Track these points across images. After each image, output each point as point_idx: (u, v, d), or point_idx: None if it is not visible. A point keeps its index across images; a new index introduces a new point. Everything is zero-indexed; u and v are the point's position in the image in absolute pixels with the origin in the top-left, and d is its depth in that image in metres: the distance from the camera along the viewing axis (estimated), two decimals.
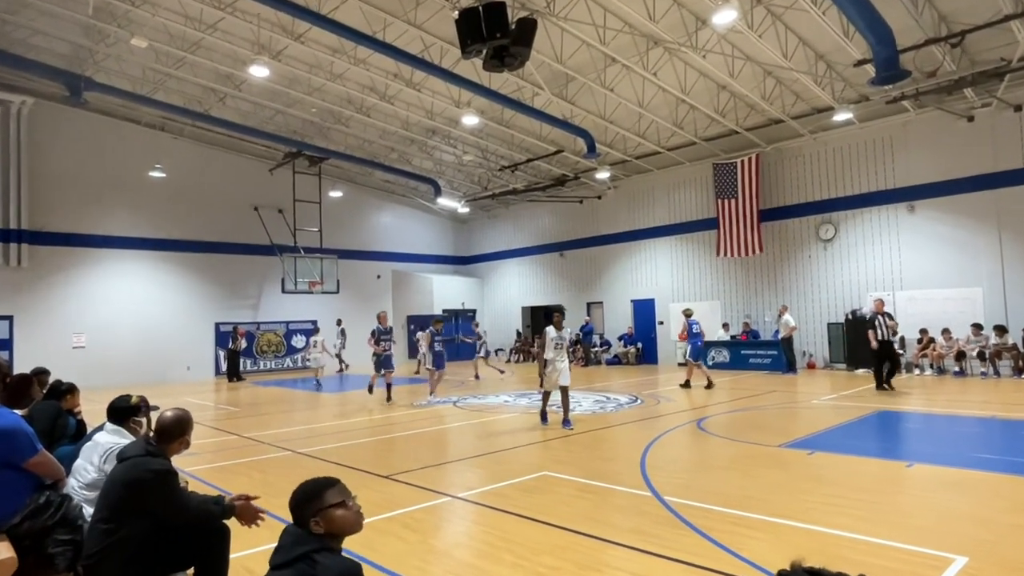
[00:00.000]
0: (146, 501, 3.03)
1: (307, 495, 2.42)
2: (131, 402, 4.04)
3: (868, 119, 17.18)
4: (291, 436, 9.69)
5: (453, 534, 5.15)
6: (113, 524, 3.00)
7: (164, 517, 3.06)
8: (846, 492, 5.78)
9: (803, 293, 18.93)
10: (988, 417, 9.78)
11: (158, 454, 3.22)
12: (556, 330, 9.79)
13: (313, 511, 2.38)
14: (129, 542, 3.00)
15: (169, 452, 3.32)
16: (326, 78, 16.50)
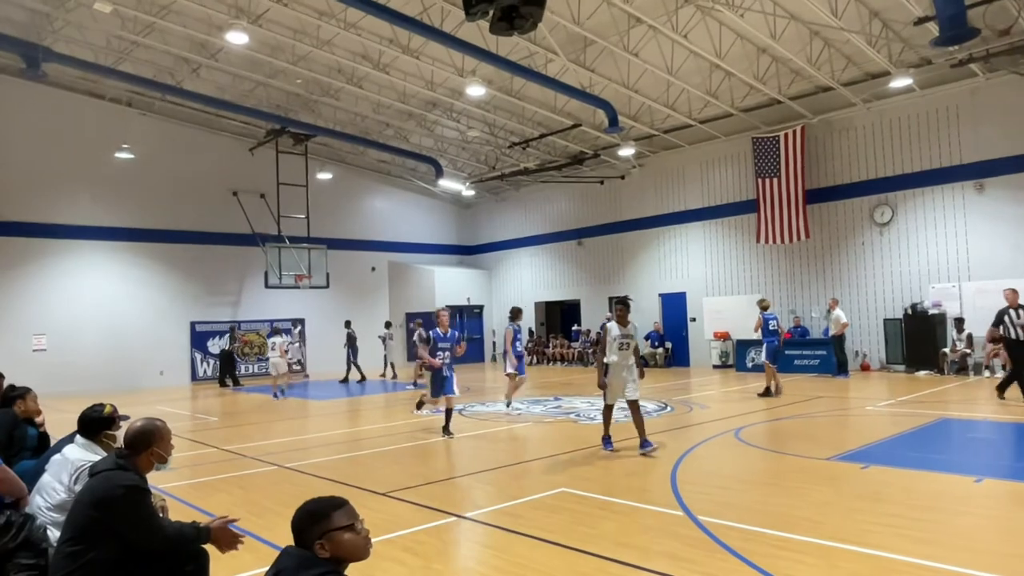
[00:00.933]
0: (114, 521, 3.06)
1: (313, 515, 2.47)
2: (104, 413, 4.05)
3: (930, 85, 16.99)
4: (276, 448, 9.77)
5: (460, 558, 5.18)
6: (80, 546, 3.03)
7: (132, 540, 3.08)
8: (905, 511, 5.75)
9: (856, 285, 18.80)
10: None
11: (129, 468, 3.24)
12: (620, 326, 8.73)
13: (319, 533, 2.43)
14: (97, 566, 3.03)
15: (141, 466, 3.34)
16: (312, 45, 16.53)
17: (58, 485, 3.73)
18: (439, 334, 10.55)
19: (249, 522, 5.63)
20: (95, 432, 3.99)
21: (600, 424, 9.06)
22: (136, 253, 21.89)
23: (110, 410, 4.07)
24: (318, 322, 25.36)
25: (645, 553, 4.86)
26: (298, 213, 23.57)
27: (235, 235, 23.48)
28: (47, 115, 20.35)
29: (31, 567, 3.39)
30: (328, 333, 25.42)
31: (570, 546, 5.03)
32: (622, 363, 8.63)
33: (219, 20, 15.35)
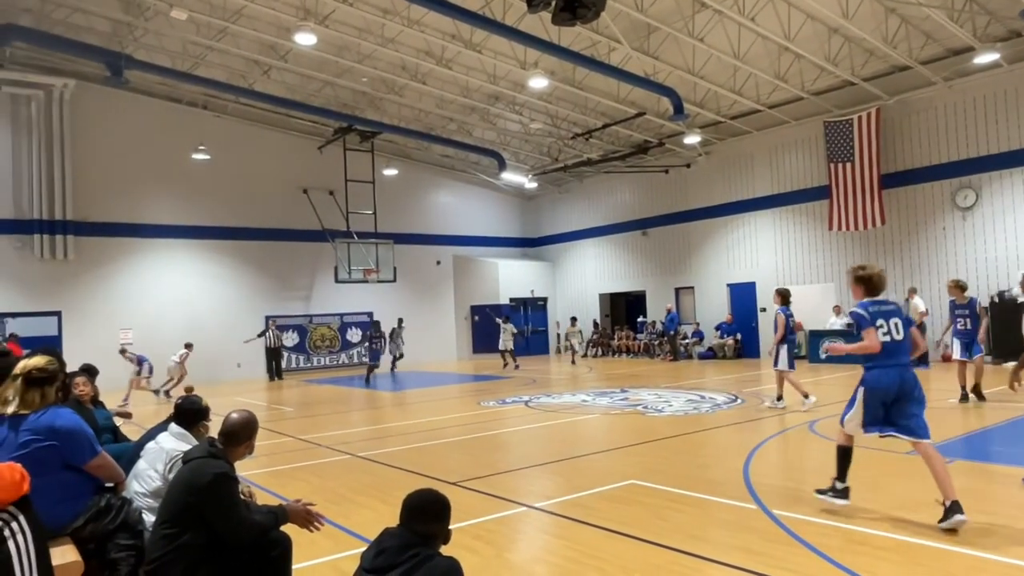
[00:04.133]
0: (203, 506, 3.22)
1: (444, 509, 2.77)
2: (202, 404, 4.30)
3: (1019, 59, 16.05)
4: (349, 438, 10.04)
5: (531, 548, 5.22)
6: (175, 529, 3.21)
7: (217, 527, 3.24)
8: (995, 508, 5.50)
9: (936, 272, 17.97)
10: None
11: (221, 456, 3.41)
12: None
13: (446, 526, 2.76)
14: (190, 549, 3.20)
15: (234, 456, 3.52)
16: (377, 43, 16.82)
17: (153, 473, 3.94)
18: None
19: (326, 509, 5.78)
20: (192, 422, 4.21)
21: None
22: (212, 250, 22.79)
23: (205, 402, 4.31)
24: (387, 316, 25.83)
25: (719, 546, 4.80)
26: (365, 209, 24.09)
27: (306, 231, 24.15)
28: (129, 120, 21.36)
29: (129, 547, 3.60)
30: None
31: (642, 538, 5.00)
32: None
33: (288, 22, 15.79)
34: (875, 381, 5.39)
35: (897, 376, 5.33)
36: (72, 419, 3.58)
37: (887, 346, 5.35)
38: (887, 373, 5.34)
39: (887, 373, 5.34)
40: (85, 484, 3.62)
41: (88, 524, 3.55)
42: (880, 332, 5.34)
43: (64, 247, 20.09)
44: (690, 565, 4.48)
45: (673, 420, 10.45)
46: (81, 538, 3.51)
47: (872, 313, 5.39)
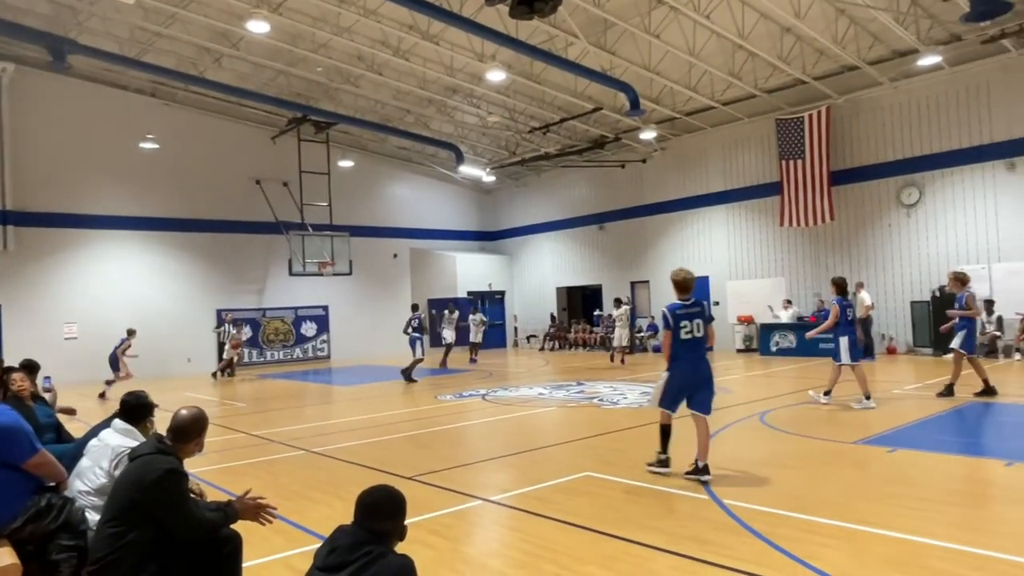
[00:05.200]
0: (151, 503, 3.14)
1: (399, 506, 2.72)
2: (147, 400, 4.19)
3: (960, 63, 16.61)
4: (304, 434, 9.91)
5: (487, 541, 5.24)
6: (121, 528, 3.12)
7: (166, 524, 3.16)
8: (934, 495, 5.71)
9: (882, 267, 18.54)
10: None
11: (170, 453, 3.33)
12: None
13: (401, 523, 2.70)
14: (136, 547, 3.12)
15: (183, 453, 3.44)
16: (332, 32, 16.56)
17: (98, 470, 3.82)
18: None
19: (279, 506, 5.70)
20: (138, 418, 4.10)
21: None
22: (162, 242, 22.18)
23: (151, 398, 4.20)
24: (342, 309, 25.59)
25: (671, 537, 4.87)
26: (320, 201, 23.75)
27: (259, 223, 23.70)
28: (73, 106, 20.61)
29: (71, 548, 3.49)
30: (351, 319, 25.67)
31: (596, 529, 5.06)
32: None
33: (240, 9, 15.41)
34: (678, 370, 6.63)
35: (694, 367, 6.65)
36: (10, 416, 3.46)
37: (688, 342, 6.60)
38: (687, 364, 6.63)
39: (687, 364, 6.63)
40: (24, 483, 3.50)
41: (27, 525, 3.43)
42: (683, 331, 6.57)
43: (3, 238, 19.30)
44: (642, 555, 4.55)
45: (628, 412, 10.57)
46: (20, 539, 3.39)
47: (676, 316, 6.61)
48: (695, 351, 6.67)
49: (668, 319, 6.64)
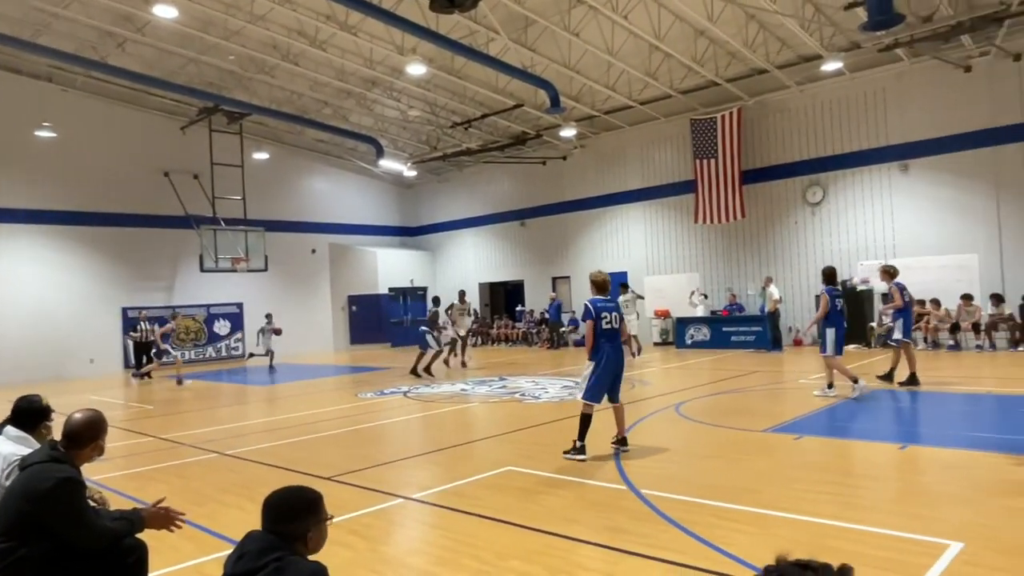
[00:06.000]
0: (46, 515, 2.95)
1: (308, 505, 2.53)
2: (42, 403, 3.89)
3: (859, 69, 17.56)
4: (216, 436, 9.55)
5: (407, 539, 5.19)
6: (11, 543, 2.91)
7: (65, 536, 2.98)
8: (836, 478, 6.02)
9: (789, 263, 19.42)
10: (984, 393, 10.27)
11: (64, 460, 3.13)
12: None
13: (314, 523, 2.50)
14: (29, 564, 2.92)
15: (79, 459, 3.23)
16: (245, 20, 15.98)
17: None
18: None
19: (190, 511, 5.47)
20: (31, 423, 3.83)
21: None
22: (61, 237, 20.90)
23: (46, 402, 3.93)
24: (257, 306, 24.77)
25: (590, 528, 4.96)
26: (234, 194, 22.86)
27: (167, 217, 22.64)
28: None
29: None
30: None
31: (517, 523, 5.09)
32: None
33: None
34: (605, 359, 7.06)
35: (616, 356, 7.16)
36: None
37: (608, 332, 7.15)
38: (612, 352, 7.11)
39: (612, 352, 7.11)
40: None
41: None
42: (604, 322, 7.11)
43: None
44: (564, 547, 4.60)
45: (550, 406, 10.69)
46: None
47: (598, 308, 7.14)
48: (615, 341, 7.21)
49: (591, 310, 7.13)
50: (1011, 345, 15.49)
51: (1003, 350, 15.41)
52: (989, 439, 7.33)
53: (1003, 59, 15.80)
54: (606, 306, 7.22)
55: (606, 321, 7.13)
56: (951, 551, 4.17)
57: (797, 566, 1.04)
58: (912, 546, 4.34)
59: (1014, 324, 15.54)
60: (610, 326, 7.15)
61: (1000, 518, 4.80)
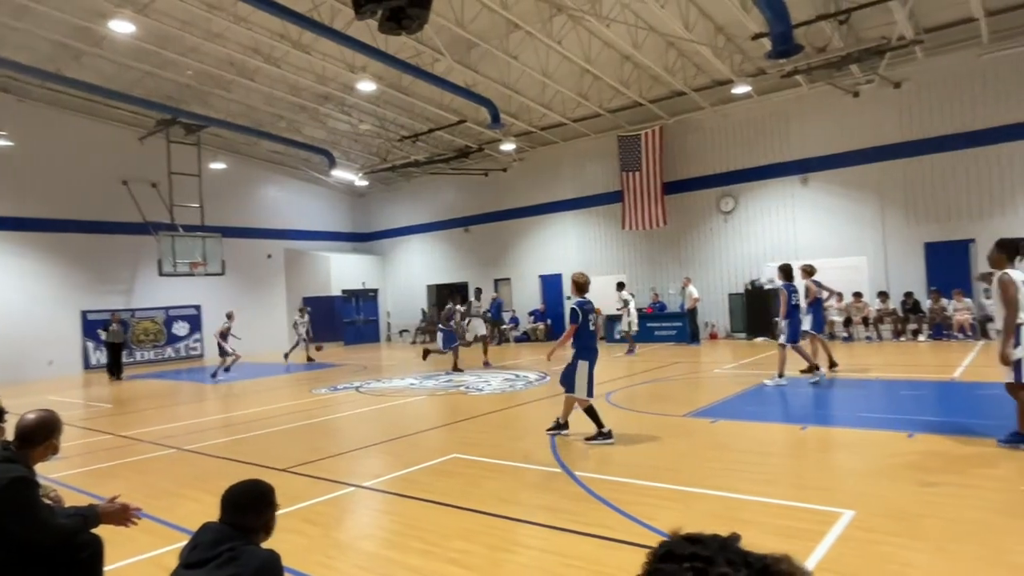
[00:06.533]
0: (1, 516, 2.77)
1: (265, 497, 2.49)
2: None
3: (765, 92, 18.15)
4: (175, 432, 9.19)
5: (358, 525, 5.10)
6: None
7: (20, 537, 2.81)
8: (747, 457, 6.20)
9: (705, 265, 19.92)
10: (872, 379, 10.75)
11: (16, 460, 2.95)
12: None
13: (271, 514, 2.47)
14: None
15: (32, 459, 3.05)
16: (202, 37, 15.44)
17: None
18: None
19: (147, 505, 5.25)
20: None
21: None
22: (20, 243, 19.75)
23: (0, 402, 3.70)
24: (215, 308, 23.97)
25: (527, 508, 4.97)
26: (192, 202, 22.03)
27: (126, 224, 21.68)
28: None
29: None
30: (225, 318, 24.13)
31: (461, 506, 5.06)
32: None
33: (102, 7, 14.00)
34: (592, 357, 7.15)
35: (596, 352, 7.25)
36: None
37: (594, 333, 7.27)
38: (594, 350, 7.20)
39: (594, 350, 7.20)
40: None
41: None
42: (590, 323, 7.20)
43: None
44: (503, 527, 4.60)
45: (492, 398, 10.68)
46: None
47: (585, 311, 7.16)
48: (596, 339, 7.37)
49: (578, 313, 7.12)
50: (895, 336, 16.27)
51: (888, 341, 16.17)
52: (877, 419, 7.69)
53: (885, 86, 16.59)
54: (591, 308, 7.28)
55: (592, 322, 7.23)
56: (844, 519, 4.34)
57: (686, 540, 1.04)
58: (811, 515, 4.51)
59: (897, 318, 16.33)
60: (594, 326, 7.30)
61: (887, 488, 5.02)
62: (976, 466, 5.48)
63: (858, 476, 5.44)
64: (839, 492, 5.00)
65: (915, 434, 6.58)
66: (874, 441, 6.64)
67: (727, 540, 1.04)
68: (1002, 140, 15.34)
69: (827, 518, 4.37)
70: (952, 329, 15.48)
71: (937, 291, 15.88)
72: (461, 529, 4.59)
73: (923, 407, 8.44)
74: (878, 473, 5.44)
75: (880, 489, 4.99)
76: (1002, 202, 15.50)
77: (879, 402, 8.96)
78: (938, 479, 5.14)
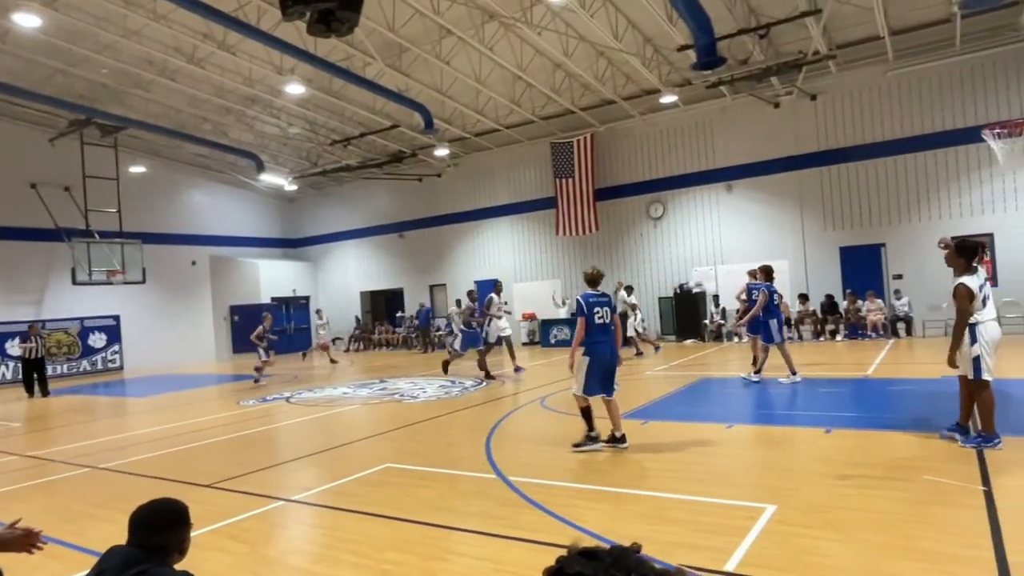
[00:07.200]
0: None
1: (180, 517, 2.37)
2: None
3: (692, 102, 18.76)
4: (91, 450, 8.70)
5: (287, 540, 4.95)
6: None
7: None
8: (676, 457, 6.36)
9: (636, 269, 20.39)
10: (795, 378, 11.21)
11: None
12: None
13: (185, 533, 2.36)
14: None
15: None
16: (118, 34, 14.73)
17: None
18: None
19: (57, 529, 4.97)
20: None
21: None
22: None
23: None
24: (136, 318, 22.89)
25: (461, 515, 4.95)
26: (109, 207, 20.96)
27: (35, 230, 20.42)
28: None
29: None
30: (146, 329, 23.08)
31: (393, 516, 4.99)
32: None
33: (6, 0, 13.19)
34: (597, 353, 6.65)
35: (610, 350, 6.74)
36: None
37: (601, 327, 6.68)
38: (605, 347, 6.69)
39: (605, 347, 6.69)
40: None
41: None
42: (596, 317, 6.65)
43: None
44: (437, 535, 4.56)
45: (427, 405, 10.59)
46: None
47: (590, 304, 6.67)
48: (607, 335, 6.77)
49: (583, 306, 6.68)
50: (814, 336, 17.06)
51: (808, 341, 16.94)
52: (798, 416, 8.04)
53: (803, 98, 17.43)
54: (598, 301, 6.76)
55: (598, 316, 6.69)
56: (767, 513, 4.51)
57: (580, 556, 1.06)
58: (736, 511, 4.66)
59: (816, 319, 17.14)
60: (602, 321, 6.70)
61: (806, 482, 5.25)
62: (886, 458, 5.80)
63: (780, 472, 5.67)
64: (762, 488, 5.20)
65: (832, 429, 6.91)
66: (795, 438, 6.94)
67: (620, 555, 1.05)
68: (908, 151, 16.38)
69: (751, 514, 4.53)
70: (866, 329, 16.36)
71: (853, 293, 16.78)
72: (394, 540, 4.52)
73: (840, 404, 8.89)
74: (798, 469, 5.69)
75: (800, 484, 5.21)
76: (909, 208, 16.53)
77: (800, 400, 9.37)
78: (852, 472, 5.41)
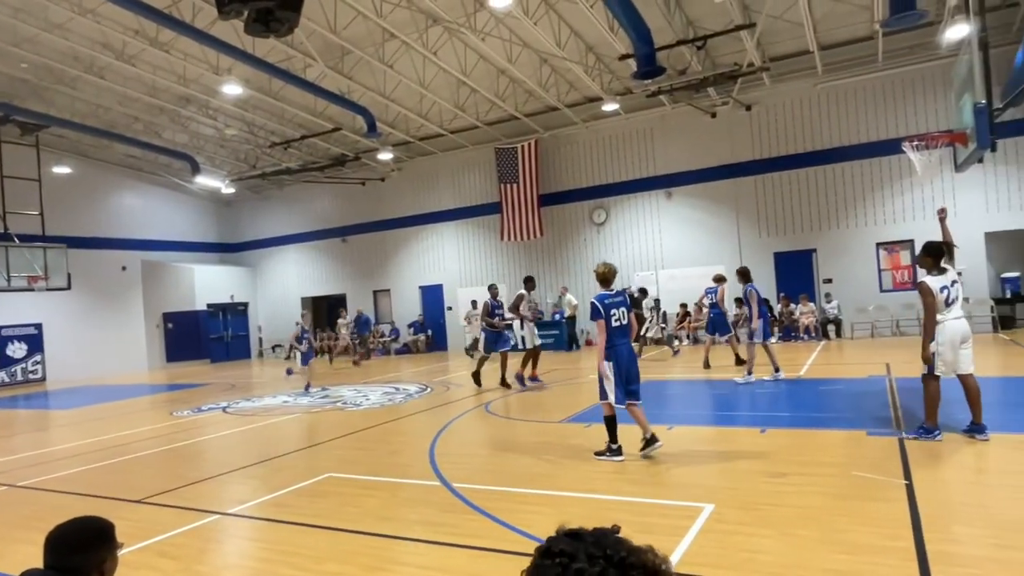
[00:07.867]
0: None
1: (100, 535, 2.21)
2: None
3: (633, 110, 19.14)
4: (9, 467, 8.21)
5: (223, 555, 4.78)
6: None
7: None
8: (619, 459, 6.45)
9: (580, 274, 20.63)
10: (730, 379, 11.56)
11: None
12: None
13: (107, 554, 2.19)
14: None
15: None
16: (40, 27, 14.03)
17: None
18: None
19: None
20: None
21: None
22: None
23: None
24: (59, 326, 21.76)
25: (404, 523, 4.89)
26: (31, 209, 19.86)
27: None
28: None
29: None
30: (71, 338, 21.97)
31: (334, 527, 4.89)
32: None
33: None
34: (619, 356, 6.37)
35: (629, 351, 6.50)
36: None
37: (619, 329, 6.41)
38: (624, 348, 6.43)
39: (624, 348, 6.43)
40: None
41: None
42: (614, 319, 6.36)
43: None
44: (378, 545, 4.49)
45: (370, 413, 10.43)
46: None
47: (606, 305, 6.38)
48: (625, 336, 6.47)
49: (599, 309, 6.33)
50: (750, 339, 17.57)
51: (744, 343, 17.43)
52: (734, 416, 8.27)
53: (739, 109, 18.02)
54: (614, 302, 6.41)
55: (616, 318, 6.34)
56: (705, 512, 4.62)
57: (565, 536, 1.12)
58: (676, 511, 4.77)
59: None
60: (619, 323, 6.35)
61: (742, 481, 5.41)
62: (817, 455, 6.03)
63: (717, 472, 5.82)
64: (700, 488, 5.33)
65: (767, 429, 7.15)
66: (732, 438, 7.15)
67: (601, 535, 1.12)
68: (836, 160, 17.13)
69: (690, 513, 4.64)
70: (799, 331, 16.99)
71: (786, 297, 17.40)
72: (335, 551, 4.43)
73: (774, 404, 9.20)
74: (735, 467, 5.86)
75: (735, 483, 5.37)
76: (838, 216, 17.27)
77: (737, 401, 9.65)
78: (785, 470, 5.61)
